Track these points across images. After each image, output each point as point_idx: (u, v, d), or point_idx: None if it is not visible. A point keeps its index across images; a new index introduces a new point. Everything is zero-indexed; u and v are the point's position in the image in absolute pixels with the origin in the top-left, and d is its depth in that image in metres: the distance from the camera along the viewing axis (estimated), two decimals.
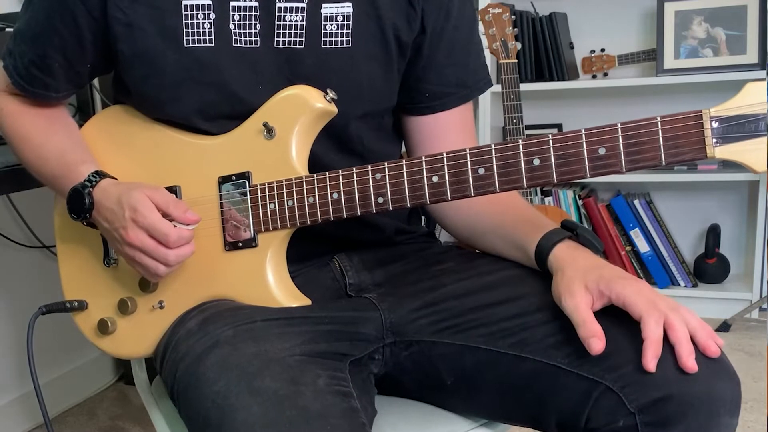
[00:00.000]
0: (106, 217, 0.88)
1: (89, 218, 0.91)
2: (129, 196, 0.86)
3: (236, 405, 0.71)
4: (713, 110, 0.68)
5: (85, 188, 0.89)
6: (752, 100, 0.67)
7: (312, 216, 0.85)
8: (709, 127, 0.67)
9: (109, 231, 0.89)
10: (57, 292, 1.02)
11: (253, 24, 0.89)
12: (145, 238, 0.84)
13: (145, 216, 0.84)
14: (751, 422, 1.82)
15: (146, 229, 0.84)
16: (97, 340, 0.98)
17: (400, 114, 1.03)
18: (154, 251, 0.84)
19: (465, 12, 0.98)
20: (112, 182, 0.91)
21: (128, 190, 0.87)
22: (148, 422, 1.06)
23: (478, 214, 0.97)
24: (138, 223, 0.84)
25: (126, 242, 0.85)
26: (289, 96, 0.87)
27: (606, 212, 2.67)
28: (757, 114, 0.66)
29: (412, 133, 1.03)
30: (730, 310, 2.49)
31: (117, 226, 0.86)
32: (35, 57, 0.94)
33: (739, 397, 0.76)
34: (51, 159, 0.96)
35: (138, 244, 0.84)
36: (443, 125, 1.01)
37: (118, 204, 0.86)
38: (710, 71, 2.44)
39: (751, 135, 0.67)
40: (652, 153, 0.69)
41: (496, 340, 0.86)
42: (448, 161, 0.77)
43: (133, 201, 0.85)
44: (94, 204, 0.89)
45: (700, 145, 0.68)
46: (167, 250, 0.84)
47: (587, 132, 0.70)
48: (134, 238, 0.84)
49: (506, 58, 2.11)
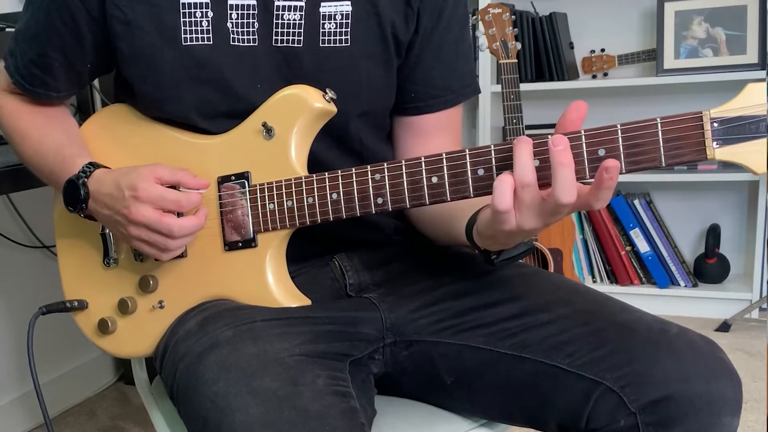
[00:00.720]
0: (106, 203, 0.87)
1: (86, 209, 0.90)
2: (127, 176, 0.85)
3: (235, 405, 0.71)
4: (713, 111, 0.67)
5: (80, 179, 0.89)
6: (753, 101, 0.66)
7: (311, 216, 0.85)
8: (710, 129, 0.67)
9: (111, 217, 0.87)
10: (57, 291, 1.02)
11: (252, 22, 0.89)
12: (149, 210, 0.83)
13: (147, 189, 0.83)
14: (751, 422, 1.82)
15: (152, 201, 0.83)
16: (97, 339, 0.98)
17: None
18: (157, 223, 0.83)
19: (457, 14, 0.97)
20: (105, 171, 0.90)
21: (125, 173, 0.86)
22: (148, 422, 1.06)
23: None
24: (140, 199, 0.83)
25: (130, 221, 0.84)
26: (288, 96, 0.87)
27: (606, 212, 2.67)
28: (758, 115, 0.66)
29: (396, 133, 1.02)
30: (730, 310, 2.49)
31: (119, 208, 0.85)
32: (35, 56, 0.94)
33: (740, 397, 0.77)
34: (49, 155, 0.96)
35: (142, 219, 0.83)
36: (426, 127, 1.00)
37: (117, 187, 0.85)
38: (710, 71, 2.44)
39: (751, 136, 0.67)
40: (652, 154, 0.69)
41: (497, 341, 0.86)
42: (447, 162, 0.77)
43: (132, 179, 0.84)
44: (89, 194, 0.88)
45: (700, 146, 0.68)
46: (170, 219, 0.83)
47: (587, 133, 0.70)
48: (137, 213, 0.83)
49: (506, 58, 2.11)
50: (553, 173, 0.67)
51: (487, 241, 0.78)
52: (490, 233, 0.75)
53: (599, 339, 0.81)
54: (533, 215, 0.70)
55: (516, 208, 0.70)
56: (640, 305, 0.88)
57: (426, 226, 0.98)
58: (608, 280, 2.71)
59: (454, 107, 1.01)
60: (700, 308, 2.57)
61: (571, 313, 0.84)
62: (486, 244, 0.79)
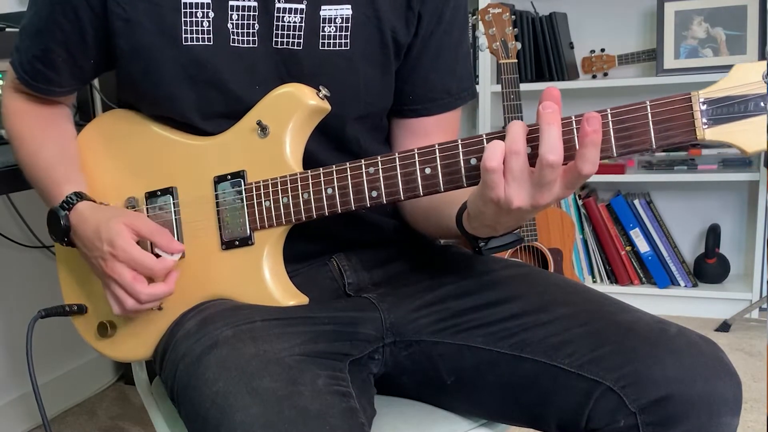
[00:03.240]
0: (85, 244, 0.90)
1: (67, 240, 0.92)
2: (107, 227, 0.86)
3: (235, 405, 0.71)
4: (702, 92, 0.68)
5: (62, 210, 0.91)
6: (740, 81, 0.67)
7: (307, 212, 0.85)
8: (699, 110, 0.68)
9: (88, 257, 0.90)
10: (57, 291, 1.02)
11: (252, 24, 0.89)
12: (124, 270, 0.85)
13: (125, 250, 0.85)
14: (751, 422, 1.82)
15: (126, 262, 0.85)
16: (96, 343, 0.98)
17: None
18: (128, 286, 0.85)
19: (457, 18, 0.97)
20: (89, 206, 0.91)
21: (106, 220, 0.87)
22: (148, 422, 1.06)
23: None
24: (117, 258, 0.85)
25: (105, 273, 0.87)
26: (282, 94, 0.87)
27: (606, 212, 2.67)
28: (746, 95, 0.66)
29: (394, 134, 1.02)
30: (730, 310, 2.49)
31: (96, 256, 0.88)
32: (38, 51, 0.94)
33: (740, 397, 0.77)
34: (41, 171, 0.97)
35: (116, 276, 0.86)
36: (425, 128, 1.00)
37: (96, 234, 0.87)
38: (710, 71, 2.44)
39: (740, 116, 0.67)
40: (643, 137, 0.69)
41: (497, 341, 0.86)
42: (440, 153, 0.78)
43: (112, 234, 0.86)
44: (70, 227, 0.91)
45: (689, 127, 0.68)
46: (141, 287, 0.85)
47: (578, 118, 0.70)
48: (112, 270, 0.86)
49: (506, 58, 2.10)
50: (541, 133, 0.68)
51: (474, 223, 0.79)
52: (479, 208, 0.75)
53: (599, 339, 0.81)
54: (520, 187, 0.70)
55: (505, 175, 0.70)
56: (640, 305, 0.88)
57: (418, 219, 0.99)
58: (608, 280, 2.71)
59: (451, 111, 1.01)
60: (700, 308, 2.57)
61: (571, 313, 0.84)
62: (474, 227, 0.80)
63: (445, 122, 1.00)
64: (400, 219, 1.05)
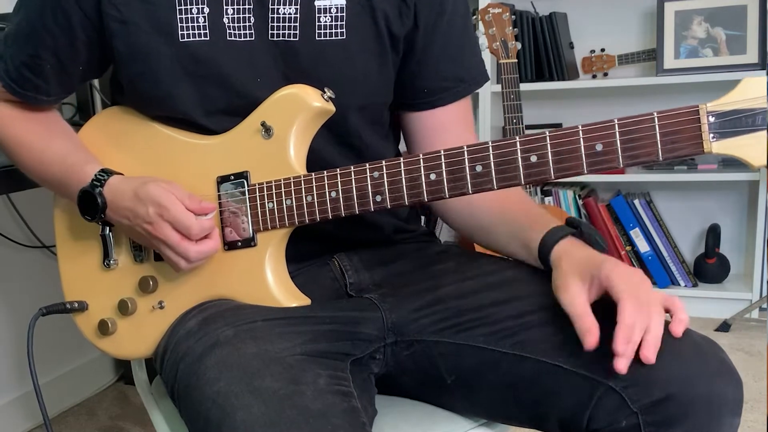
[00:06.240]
0: (127, 215, 0.88)
1: (104, 218, 0.91)
2: (146, 191, 0.86)
3: (237, 405, 0.71)
4: (710, 105, 0.68)
5: (95, 188, 0.89)
6: (749, 94, 0.67)
7: (310, 215, 0.85)
8: (706, 122, 0.68)
9: (132, 227, 0.89)
10: (57, 291, 1.02)
11: (247, 17, 0.89)
12: (170, 231, 0.85)
13: (169, 209, 0.84)
14: (751, 422, 1.82)
15: (170, 222, 0.85)
16: (97, 340, 0.98)
17: (400, 111, 1.03)
18: (176, 246, 0.85)
19: (458, 7, 0.98)
20: (121, 179, 0.90)
21: (142, 184, 0.87)
22: (148, 422, 1.06)
23: (481, 208, 0.97)
24: (163, 217, 0.85)
25: (153, 236, 0.86)
26: (287, 95, 0.87)
27: (606, 212, 2.67)
28: (754, 109, 0.66)
29: (412, 130, 1.03)
30: (730, 310, 2.49)
31: (140, 222, 0.87)
32: (27, 58, 0.93)
33: (741, 397, 0.76)
34: (54, 164, 0.96)
35: (163, 238, 0.85)
36: (443, 120, 1.00)
37: (138, 200, 0.86)
38: (710, 71, 2.44)
39: (748, 130, 0.67)
40: (649, 149, 0.69)
41: (498, 340, 0.86)
42: (445, 158, 0.77)
43: (156, 195, 0.85)
44: (107, 204, 0.89)
45: (697, 140, 0.68)
46: (188, 245, 0.85)
47: (584, 128, 0.70)
48: (160, 232, 0.85)
49: (506, 58, 2.10)
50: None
51: None
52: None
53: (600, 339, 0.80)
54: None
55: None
56: None
57: (474, 232, 1.01)
58: None
59: (464, 99, 1.02)
60: (700, 308, 2.57)
61: None
62: None
63: (461, 113, 1.01)
64: (401, 219, 1.05)
